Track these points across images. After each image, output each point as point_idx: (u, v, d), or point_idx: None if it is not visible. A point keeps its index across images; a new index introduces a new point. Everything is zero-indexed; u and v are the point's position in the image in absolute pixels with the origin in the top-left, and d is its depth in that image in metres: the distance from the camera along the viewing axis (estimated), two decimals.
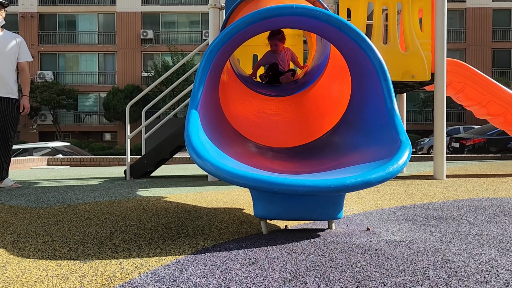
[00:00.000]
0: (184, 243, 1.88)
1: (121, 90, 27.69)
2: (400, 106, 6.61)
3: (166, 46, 28.52)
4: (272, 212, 1.92)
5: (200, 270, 1.46)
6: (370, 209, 2.92)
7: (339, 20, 2.39)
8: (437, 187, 4.17)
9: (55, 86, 27.36)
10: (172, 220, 2.52)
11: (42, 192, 4.08)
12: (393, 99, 2.32)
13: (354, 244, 1.74)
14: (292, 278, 1.35)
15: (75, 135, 29.88)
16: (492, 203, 3.14)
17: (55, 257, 1.74)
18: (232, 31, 2.39)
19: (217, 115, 2.85)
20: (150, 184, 4.75)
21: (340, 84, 3.26)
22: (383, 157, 1.99)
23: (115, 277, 1.45)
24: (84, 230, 2.30)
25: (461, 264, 1.53)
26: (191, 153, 1.89)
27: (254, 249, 1.68)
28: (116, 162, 10.28)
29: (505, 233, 2.13)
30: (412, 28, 5.05)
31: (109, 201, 3.40)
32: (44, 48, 29.77)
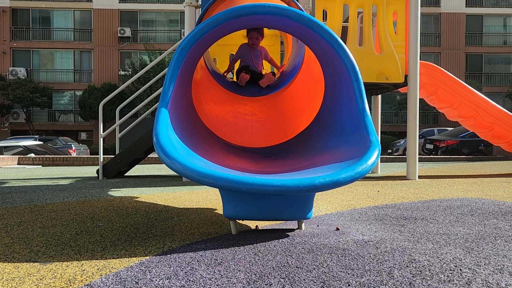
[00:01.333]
0: (150, 244, 1.84)
1: (97, 88, 27.19)
2: (375, 107, 6.69)
3: (144, 44, 28.15)
4: (241, 212, 1.90)
5: (164, 272, 1.42)
6: (343, 209, 2.94)
7: (311, 20, 2.39)
8: (409, 188, 4.24)
9: (28, 84, 26.62)
10: (142, 221, 2.47)
11: (8, 192, 3.95)
12: (364, 99, 2.33)
13: (322, 244, 1.74)
14: (257, 279, 1.33)
15: (49, 133, 29.13)
16: (461, 203, 3.20)
17: (13, 260, 1.67)
18: (204, 28, 2.35)
19: (189, 114, 2.80)
20: (123, 184, 4.66)
21: (314, 85, 3.26)
22: (354, 157, 1.99)
23: (75, 280, 1.39)
24: (48, 231, 2.22)
25: (426, 263, 1.54)
26: (158, 152, 1.85)
27: (221, 250, 1.65)
28: (90, 161, 10.07)
29: (471, 233, 2.17)
30: (386, 30, 5.12)
31: (78, 201, 3.31)
32: (16, 44, 28.93)
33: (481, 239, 2.03)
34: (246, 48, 4.05)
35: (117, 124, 5.52)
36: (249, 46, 4.02)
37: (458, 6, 30.20)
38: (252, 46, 4.01)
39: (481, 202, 3.24)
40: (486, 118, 5.73)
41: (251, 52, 4.03)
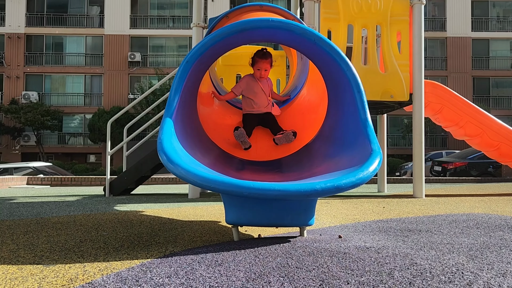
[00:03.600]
0: (153, 249, 1.85)
1: (107, 112, 27.54)
2: (381, 127, 6.71)
3: (154, 69, 28.65)
4: (243, 218, 1.91)
5: (164, 272, 1.43)
6: (346, 222, 2.92)
7: (314, 34, 2.45)
8: (415, 204, 4.20)
9: (39, 107, 27.07)
10: (145, 231, 2.48)
11: (16, 207, 3.99)
12: (366, 110, 2.36)
13: (323, 248, 1.74)
14: (256, 277, 1.33)
15: (58, 156, 29.41)
16: (467, 217, 3.17)
17: (18, 262, 1.69)
18: (209, 42, 2.43)
19: (193, 126, 2.85)
20: (128, 201, 4.68)
21: (317, 100, 3.31)
22: (355, 164, 2.01)
23: (77, 278, 1.41)
24: (53, 239, 2.25)
25: (427, 266, 1.54)
26: (162, 158, 1.89)
27: (222, 253, 1.66)
28: (98, 182, 10.12)
29: (476, 243, 2.15)
30: (390, 49, 5.19)
31: (84, 214, 3.34)
32: (30, 69, 29.60)
33: (485, 248, 2.01)
34: (252, 80, 3.41)
35: (124, 142, 5.59)
36: (255, 78, 3.42)
37: (464, 30, 30.46)
38: (259, 79, 3.41)
39: (487, 217, 3.21)
40: (493, 136, 5.71)
41: (259, 84, 3.40)
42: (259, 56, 3.31)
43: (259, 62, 3.33)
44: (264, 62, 3.34)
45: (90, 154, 30.02)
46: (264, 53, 3.33)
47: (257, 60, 3.33)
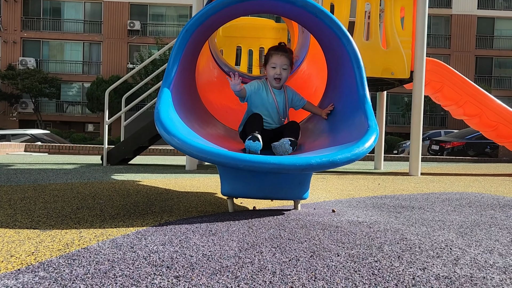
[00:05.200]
0: (148, 218, 1.88)
1: (105, 80, 27.31)
2: (380, 105, 6.69)
3: (153, 38, 28.24)
4: (238, 190, 1.93)
5: (159, 239, 1.46)
6: (341, 197, 2.96)
7: (315, 6, 2.41)
8: (410, 182, 4.25)
9: (37, 74, 26.81)
10: (142, 200, 2.51)
11: (13, 173, 4.02)
12: (365, 85, 2.35)
13: (316, 221, 1.76)
14: (249, 247, 1.36)
15: (56, 124, 29.35)
16: (461, 196, 3.21)
17: (15, 226, 1.72)
18: (209, 11, 2.39)
19: (192, 97, 2.84)
20: (126, 170, 4.71)
21: (317, 74, 3.29)
22: (351, 140, 2.02)
23: (73, 244, 1.43)
24: (50, 205, 2.27)
25: (417, 242, 1.57)
26: (159, 128, 1.89)
27: (216, 223, 1.69)
28: (95, 151, 10.15)
29: (467, 221, 2.18)
30: (393, 25, 5.12)
31: (81, 183, 3.36)
32: (27, 34, 29.14)
33: (475, 226, 2.05)
34: (263, 88, 2.57)
35: (122, 112, 5.57)
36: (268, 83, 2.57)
37: (470, 8, 29.95)
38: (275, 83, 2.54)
39: (480, 196, 3.25)
40: (491, 117, 5.71)
41: (272, 95, 2.55)
42: (274, 49, 2.57)
43: (274, 56, 2.52)
44: (281, 56, 2.51)
45: (88, 123, 29.96)
46: (281, 46, 2.59)
47: (272, 54, 2.54)
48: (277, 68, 2.53)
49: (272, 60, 2.55)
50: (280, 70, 2.53)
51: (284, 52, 2.56)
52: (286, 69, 2.56)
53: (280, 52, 2.55)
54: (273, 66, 2.54)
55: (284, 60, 2.54)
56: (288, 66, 2.57)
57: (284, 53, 2.55)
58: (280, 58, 2.54)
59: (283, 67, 2.54)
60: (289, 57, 2.57)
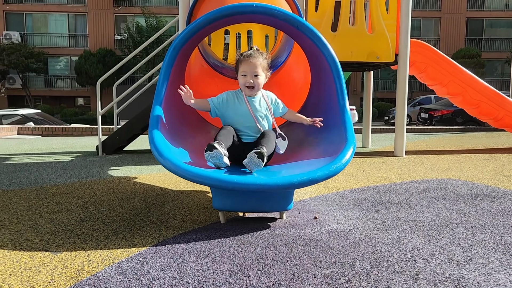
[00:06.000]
0: (148, 233, 2.07)
1: (93, 54, 26.94)
2: (367, 83, 6.83)
3: (140, 8, 27.64)
4: (228, 205, 2.12)
5: (159, 263, 1.66)
6: (326, 192, 3.17)
7: (296, 20, 2.52)
8: (393, 167, 4.47)
9: (23, 49, 26.33)
10: (140, 206, 2.70)
11: (13, 171, 4.17)
12: (345, 96, 2.51)
13: (298, 236, 1.97)
14: (237, 271, 1.56)
15: (46, 100, 29.12)
16: (438, 185, 3.43)
17: (27, 248, 1.90)
18: (194, 28, 2.50)
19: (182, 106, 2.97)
20: (121, 162, 4.88)
21: (301, 73, 3.42)
22: (331, 153, 2.20)
23: (83, 270, 1.63)
24: (55, 217, 2.45)
25: (386, 254, 1.78)
26: (154, 152, 2.05)
27: (209, 242, 1.89)
28: (89, 132, 10.25)
29: (437, 219, 2.40)
30: (378, 9, 5.20)
31: (80, 183, 3.54)
32: (9, 7, 28.37)
33: (444, 226, 2.27)
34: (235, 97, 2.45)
35: (114, 102, 5.67)
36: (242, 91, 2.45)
37: None
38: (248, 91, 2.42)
39: (456, 184, 3.47)
40: (474, 95, 5.89)
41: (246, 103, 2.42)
42: (244, 55, 2.42)
43: (243, 63, 2.38)
44: (251, 63, 2.36)
45: (78, 97, 29.75)
46: (251, 51, 2.43)
47: (241, 61, 2.39)
48: (248, 76, 2.37)
49: (241, 68, 2.38)
50: (251, 77, 2.37)
51: (254, 57, 2.38)
52: (259, 75, 2.38)
53: (250, 58, 2.37)
54: (243, 74, 2.38)
55: (254, 67, 2.36)
56: (262, 71, 2.39)
57: (254, 58, 2.37)
58: (249, 65, 2.36)
59: (255, 73, 2.36)
60: (262, 62, 2.40)
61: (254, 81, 2.39)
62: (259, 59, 2.40)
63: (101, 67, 26.44)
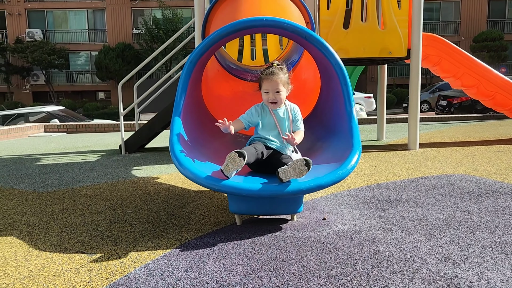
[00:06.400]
0: (171, 235, 2.29)
1: (112, 48, 27.41)
2: (381, 76, 6.89)
3: (156, 1, 27.91)
4: (244, 209, 2.32)
5: (182, 265, 1.87)
6: (337, 190, 3.34)
7: (304, 32, 2.68)
8: (405, 162, 4.58)
9: (45, 46, 27.00)
10: (163, 207, 2.93)
11: (45, 173, 4.47)
12: (352, 102, 2.66)
13: (306, 237, 2.16)
14: (251, 272, 1.76)
15: (68, 94, 29.86)
16: (447, 181, 3.55)
17: (66, 250, 2.15)
18: (209, 42, 2.68)
19: (200, 113, 3.18)
20: (144, 161, 5.13)
21: (312, 77, 3.56)
22: (338, 159, 2.37)
23: (116, 271, 1.86)
24: (87, 219, 2.70)
25: (387, 254, 1.95)
26: (174, 161, 2.26)
27: (226, 244, 2.10)
28: (111, 128, 10.61)
29: (441, 218, 2.55)
30: (390, 6, 5.26)
31: (107, 184, 3.79)
32: (31, 5, 29.03)
33: (447, 224, 2.42)
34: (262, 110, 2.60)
35: (135, 103, 5.92)
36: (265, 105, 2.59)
37: None
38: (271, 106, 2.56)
39: (465, 180, 3.58)
40: (488, 87, 5.91)
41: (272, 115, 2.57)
42: (264, 73, 2.53)
43: (264, 82, 2.53)
44: (272, 80, 2.49)
45: (99, 91, 30.37)
46: (271, 69, 2.53)
47: (263, 79, 2.54)
48: (270, 93, 2.52)
49: (264, 86, 2.54)
50: (273, 94, 2.51)
51: (275, 75, 2.51)
52: (280, 91, 2.51)
53: (271, 76, 2.51)
54: (266, 92, 2.53)
55: (276, 84, 2.50)
56: (283, 87, 2.53)
57: (274, 76, 2.50)
58: (271, 83, 2.50)
59: (276, 90, 2.50)
60: (282, 78, 2.52)
61: (276, 97, 2.53)
62: (279, 75, 2.52)
63: (120, 61, 26.92)
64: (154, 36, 26.58)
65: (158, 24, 26.71)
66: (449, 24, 29.66)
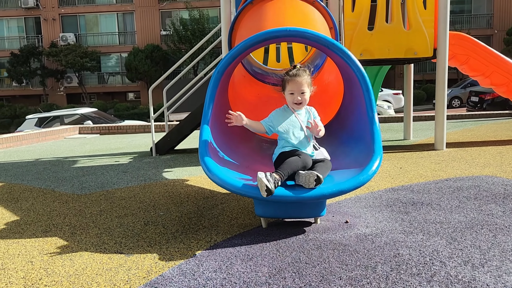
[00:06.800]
0: (201, 237, 2.44)
1: (141, 50, 28.10)
2: (407, 75, 6.86)
3: (183, 3, 28.39)
4: (269, 212, 2.44)
5: (211, 266, 2.02)
6: (361, 192, 3.41)
7: (327, 41, 2.76)
8: (431, 162, 4.59)
9: (77, 49, 27.97)
10: (193, 209, 3.09)
11: (82, 175, 4.73)
12: (374, 108, 2.73)
13: (329, 240, 2.26)
14: (276, 273, 1.89)
15: (100, 96, 30.80)
16: (473, 183, 3.56)
17: (105, 250, 2.33)
18: (235, 53, 2.81)
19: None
20: (174, 163, 5.34)
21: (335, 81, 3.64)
22: (359, 164, 2.45)
23: (152, 271, 2.02)
24: (123, 221, 2.89)
25: (407, 257, 2.03)
26: (203, 168, 2.41)
27: (252, 246, 2.23)
28: (141, 129, 10.95)
29: (464, 221, 2.59)
30: (415, 6, 5.25)
31: (140, 186, 4.00)
32: (64, 10, 30.10)
33: (469, 228, 2.46)
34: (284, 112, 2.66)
35: (165, 107, 6.14)
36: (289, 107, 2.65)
37: None
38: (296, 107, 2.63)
39: (491, 181, 3.58)
40: None
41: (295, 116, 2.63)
42: (289, 75, 2.62)
43: (290, 83, 2.59)
44: (296, 81, 2.57)
45: (129, 92, 31.18)
46: (296, 70, 2.62)
47: (288, 80, 2.61)
48: (295, 94, 2.58)
49: (289, 87, 2.60)
50: (299, 95, 2.58)
51: (300, 76, 2.58)
52: (305, 92, 2.59)
53: (296, 77, 2.58)
54: (291, 93, 2.60)
55: (301, 85, 2.57)
56: (307, 88, 2.60)
57: (299, 77, 2.58)
58: (296, 84, 2.57)
59: (301, 91, 2.58)
60: (306, 79, 2.60)
61: (301, 98, 2.60)
62: (304, 77, 2.61)
63: (149, 62, 27.57)
64: (181, 37, 27.07)
65: (186, 25, 27.17)
66: (481, 16, 28.76)
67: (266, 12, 3.60)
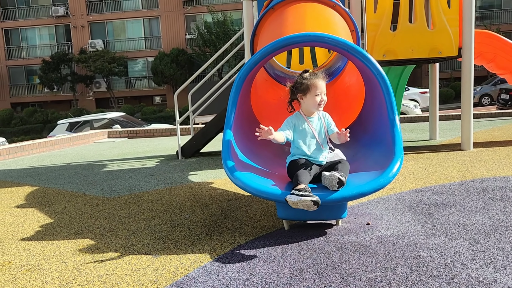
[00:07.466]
0: (225, 239, 2.52)
1: (167, 54, 28.63)
2: (433, 74, 6.77)
3: (207, 7, 28.75)
4: (291, 215, 2.50)
5: (235, 266, 2.09)
6: (385, 194, 3.41)
7: (346, 45, 2.80)
8: (457, 163, 4.52)
9: (106, 55, 28.75)
10: (217, 212, 3.18)
11: (111, 179, 4.90)
12: (395, 110, 2.75)
13: (350, 242, 2.29)
14: (297, 274, 1.94)
15: (127, 100, 31.53)
16: (499, 184, 3.50)
17: (134, 252, 2.44)
18: (256, 59, 2.88)
19: (249, 122, 3.39)
20: (199, 166, 5.45)
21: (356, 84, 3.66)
22: (380, 167, 2.48)
23: (177, 271, 2.11)
24: (151, 223, 3.01)
25: (427, 259, 2.05)
26: (226, 171, 2.49)
27: (274, 248, 2.29)
28: (168, 132, 11.18)
29: (488, 222, 2.57)
30: (439, 5, 5.19)
31: (166, 189, 4.12)
32: (93, 17, 30.99)
33: (493, 229, 2.44)
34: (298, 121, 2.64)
35: (190, 111, 6.27)
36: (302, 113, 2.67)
37: None
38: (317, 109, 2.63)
39: None
40: None
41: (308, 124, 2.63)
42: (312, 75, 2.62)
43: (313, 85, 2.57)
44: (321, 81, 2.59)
45: (155, 96, 31.78)
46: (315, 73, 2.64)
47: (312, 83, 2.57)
48: (321, 95, 2.58)
49: (313, 89, 2.57)
50: (323, 95, 2.59)
51: (321, 78, 2.61)
52: (326, 93, 2.63)
53: (319, 79, 2.59)
54: (317, 94, 2.57)
55: (323, 86, 2.60)
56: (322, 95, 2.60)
57: (321, 80, 2.61)
58: (322, 84, 2.58)
59: (324, 92, 2.60)
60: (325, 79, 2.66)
61: (324, 98, 2.61)
62: (321, 77, 2.64)
63: (174, 66, 28.05)
64: (206, 40, 27.41)
65: (210, 28, 27.50)
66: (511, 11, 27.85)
67: (287, 18, 3.65)
